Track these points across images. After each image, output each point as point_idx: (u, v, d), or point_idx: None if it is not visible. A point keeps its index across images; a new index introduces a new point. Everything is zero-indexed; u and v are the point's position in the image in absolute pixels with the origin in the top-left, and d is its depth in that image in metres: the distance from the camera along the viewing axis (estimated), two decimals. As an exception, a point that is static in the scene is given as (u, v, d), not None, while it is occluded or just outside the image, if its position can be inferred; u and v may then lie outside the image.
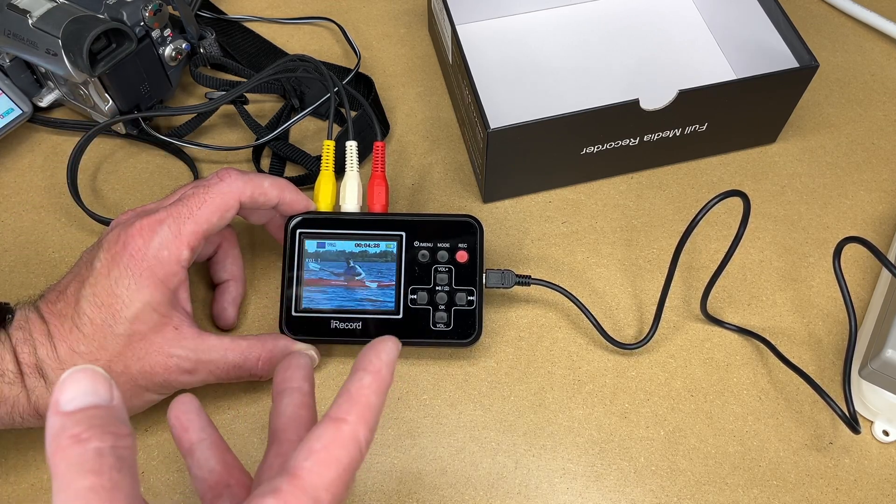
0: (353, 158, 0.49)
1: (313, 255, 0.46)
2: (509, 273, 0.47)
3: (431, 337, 0.45)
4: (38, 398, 0.39)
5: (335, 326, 0.45)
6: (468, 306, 0.46)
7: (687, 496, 0.44)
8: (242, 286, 0.50)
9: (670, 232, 0.53)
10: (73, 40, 0.48)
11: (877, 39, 0.64)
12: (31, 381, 0.39)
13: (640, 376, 0.48)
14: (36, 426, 0.40)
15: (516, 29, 0.62)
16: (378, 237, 0.46)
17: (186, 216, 0.41)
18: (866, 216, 0.54)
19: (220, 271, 0.49)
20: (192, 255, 0.42)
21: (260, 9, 0.65)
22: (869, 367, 0.45)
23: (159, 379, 0.41)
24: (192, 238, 0.41)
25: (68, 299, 0.41)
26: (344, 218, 0.47)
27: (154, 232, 0.41)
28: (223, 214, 0.42)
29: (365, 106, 0.54)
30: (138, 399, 0.42)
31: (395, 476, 0.45)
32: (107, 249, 0.41)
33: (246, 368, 0.43)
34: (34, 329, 0.40)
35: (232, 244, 0.49)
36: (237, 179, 0.43)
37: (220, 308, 0.49)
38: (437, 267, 0.46)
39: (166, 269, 0.41)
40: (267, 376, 0.44)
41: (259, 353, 0.44)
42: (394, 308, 0.45)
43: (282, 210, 0.46)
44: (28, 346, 0.39)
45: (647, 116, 0.50)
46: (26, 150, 0.57)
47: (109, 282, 0.40)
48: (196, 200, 0.42)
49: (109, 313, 0.40)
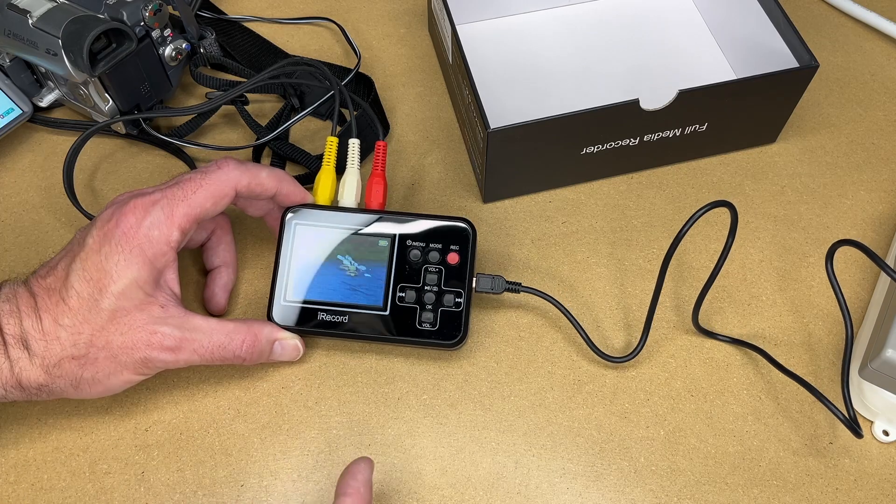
0: (355, 156, 0.49)
1: (306, 246, 0.46)
2: (499, 279, 0.47)
3: (416, 336, 0.45)
4: (21, 370, 0.40)
5: (322, 318, 0.46)
6: (455, 308, 0.46)
7: (687, 496, 0.44)
8: (234, 273, 0.50)
9: (670, 232, 0.53)
10: (73, 40, 0.48)
11: (877, 39, 0.64)
12: (15, 353, 0.39)
13: (640, 376, 0.48)
14: (19, 399, 0.41)
15: (516, 29, 0.62)
16: (371, 233, 0.46)
17: (180, 199, 0.42)
18: (866, 216, 0.54)
19: (213, 257, 0.49)
20: (182, 238, 0.42)
21: (260, 9, 0.65)
22: (869, 368, 0.45)
23: (140, 355, 0.41)
24: (184, 221, 0.42)
25: (58, 274, 0.41)
26: (339, 211, 0.47)
27: (147, 212, 0.41)
28: (218, 201, 0.43)
29: (364, 107, 0.54)
30: (117, 377, 0.42)
31: (395, 476, 0.45)
32: (99, 227, 0.41)
33: (230, 349, 0.43)
34: (21, 302, 0.40)
35: (225, 231, 0.50)
36: (235, 168, 0.44)
37: (211, 293, 0.49)
38: (428, 267, 0.46)
39: (155, 249, 0.41)
40: (251, 361, 0.45)
41: (244, 336, 0.44)
42: (381, 304, 0.46)
43: (279, 201, 0.46)
44: (14, 318, 0.40)
45: (647, 116, 0.50)
46: (26, 150, 0.57)
47: (100, 257, 0.40)
48: (192, 185, 0.42)
49: (97, 287, 0.40)
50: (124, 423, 0.46)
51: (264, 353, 0.45)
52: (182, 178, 0.43)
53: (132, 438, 0.45)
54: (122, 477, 0.44)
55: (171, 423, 0.46)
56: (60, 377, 0.40)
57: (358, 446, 0.45)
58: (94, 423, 0.46)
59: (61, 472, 0.44)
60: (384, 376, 0.48)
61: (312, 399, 0.47)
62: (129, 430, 0.46)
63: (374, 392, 0.47)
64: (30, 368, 0.40)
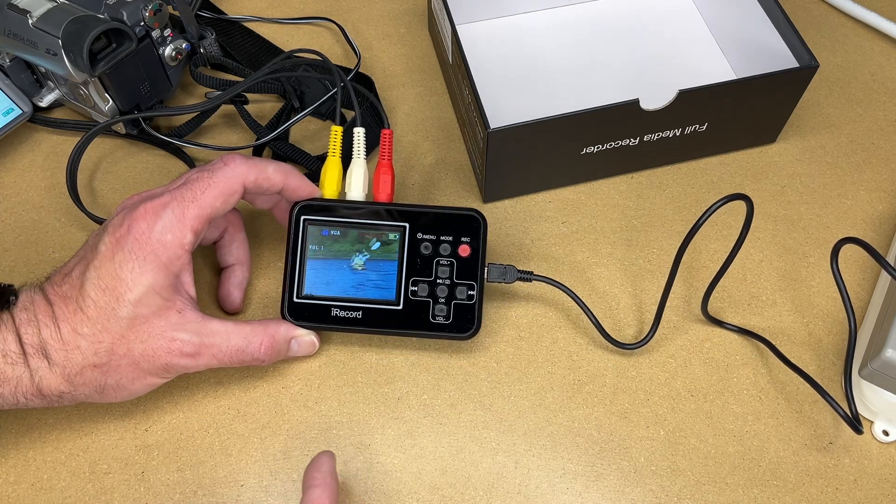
0: (361, 146, 0.49)
1: (316, 241, 0.46)
2: (511, 268, 0.47)
3: (430, 329, 0.45)
4: (41, 379, 0.39)
5: (336, 314, 0.46)
6: (468, 300, 0.46)
7: (687, 496, 0.44)
8: (248, 270, 0.50)
9: (670, 232, 0.53)
10: (73, 40, 0.48)
11: (877, 39, 0.64)
12: (35, 362, 0.39)
13: (640, 376, 0.48)
14: (39, 406, 0.41)
15: (516, 29, 0.62)
16: (382, 227, 0.46)
17: (190, 200, 0.42)
18: (866, 216, 0.54)
19: (226, 255, 0.49)
20: (195, 239, 0.42)
21: (260, 9, 0.65)
22: (869, 367, 0.45)
23: (161, 362, 0.41)
24: (196, 222, 0.42)
25: (73, 282, 0.41)
26: (348, 206, 0.47)
27: (158, 216, 0.41)
28: (227, 199, 0.43)
29: (370, 98, 0.54)
30: (140, 382, 0.42)
31: (395, 476, 0.45)
32: (111, 233, 0.41)
33: (249, 353, 0.44)
34: (39, 310, 0.40)
35: (238, 228, 0.49)
36: (241, 164, 0.43)
37: (226, 292, 0.49)
38: (439, 260, 0.46)
39: (170, 253, 0.41)
40: (269, 361, 0.45)
41: (262, 338, 0.44)
42: (394, 299, 0.46)
43: (287, 196, 0.46)
44: (32, 327, 0.40)
45: (647, 116, 0.50)
46: (26, 150, 0.57)
47: (114, 265, 0.40)
48: (200, 184, 0.42)
49: (113, 296, 0.40)
50: (124, 423, 0.46)
51: (282, 353, 0.45)
52: (189, 177, 0.43)
53: (132, 438, 0.45)
54: (122, 477, 0.44)
55: (171, 423, 0.46)
56: (83, 384, 0.40)
57: (358, 446, 0.45)
58: (94, 423, 0.46)
59: (61, 472, 0.44)
60: (384, 376, 0.48)
61: (312, 399, 0.47)
62: (129, 430, 0.46)
63: (374, 392, 0.47)
64: (50, 377, 0.40)
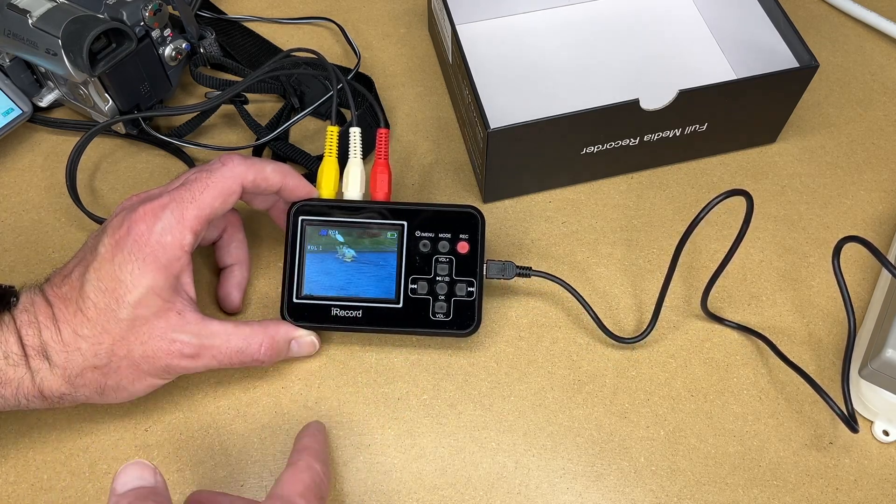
0: (357, 145, 0.49)
1: (315, 241, 0.46)
2: (510, 264, 0.47)
3: (430, 327, 0.46)
4: (43, 380, 0.40)
5: (335, 314, 0.46)
6: (468, 297, 0.46)
7: (687, 496, 0.44)
8: (247, 270, 0.50)
9: (670, 232, 0.53)
10: (73, 40, 0.48)
11: (877, 39, 0.64)
12: (36, 363, 0.39)
13: (640, 376, 0.48)
14: (41, 407, 0.41)
15: (516, 29, 0.62)
16: (380, 226, 0.46)
17: (189, 201, 0.42)
18: (866, 216, 0.54)
19: (225, 255, 0.49)
20: (195, 240, 0.42)
21: (260, 9, 0.65)
22: (869, 367, 0.45)
23: (161, 363, 0.41)
24: (196, 223, 0.42)
25: (73, 283, 0.41)
26: (346, 205, 0.47)
27: (157, 217, 0.41)
28: (226, 199, 0.43)
29: (368, 98, 0.54)
30: (140, 383, 0.42)
31: (395, 476, 0.45)
32: (111, 234, 0.41)
33: (248, 354, 0.44)
34: (39, 312, 0.40)
35: (237, 228, 0.50)
36: (240, 164, 0.43)
37: (226, 292, 0.49)
38: (438, 257, 0.46)
39: (169, 254, 0.41)
40: (269, 362, 0.45)
41: (261, 339, 0.44)
42: (394, 297, 0.46)
43: (284, 196, 0.46)
44: (33, 328, 0.40)
45: (647, 116, 0.50)
46: (26, 150, 0.57)
47: (113, 266, 0.40)
48: (199, 185, 0.42)
49: (113, 298, 0.40)
50: (124, 423, 0.46)
51: (282, 354, 0.45)
52: (188, 177, 0.43)
53: (132, 438, 0.45)
54: (122, 477, 0.44)
55: (171, 423, 0.46)
56: (84, 386, 0.40)
57: (358, 446, 0.45)
58: (93, 423, 0.46)
59: (61, 472, 0.44)
60: (384, 376, 0.48)
61: (312, 399, 0.47)
62: (129, 430, 0.46)
63: (374, 392, 0.47)
64: (51, 378, 0.40)
